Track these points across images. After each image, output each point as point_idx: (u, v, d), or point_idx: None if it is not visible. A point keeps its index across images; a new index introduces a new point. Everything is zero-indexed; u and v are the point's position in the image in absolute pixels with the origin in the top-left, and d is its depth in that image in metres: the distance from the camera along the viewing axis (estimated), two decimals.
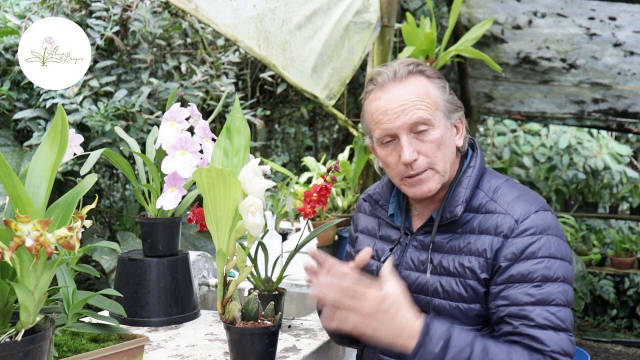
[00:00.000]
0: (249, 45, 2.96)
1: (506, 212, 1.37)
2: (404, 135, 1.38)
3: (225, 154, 1.38)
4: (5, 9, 3.43)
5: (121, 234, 3.11)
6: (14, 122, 3.15)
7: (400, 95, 1.39)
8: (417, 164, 1.39)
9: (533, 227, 1.34)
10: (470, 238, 1.38)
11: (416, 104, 1.38)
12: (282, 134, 6.30)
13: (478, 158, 1.47)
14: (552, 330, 1.29)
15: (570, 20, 4.41)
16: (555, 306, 1.30)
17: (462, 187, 1.42)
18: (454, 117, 1.44)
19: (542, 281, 1.31)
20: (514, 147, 6.98)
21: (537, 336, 1.28)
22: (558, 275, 1.32)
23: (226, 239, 1.30)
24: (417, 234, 1.47)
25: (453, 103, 1.45)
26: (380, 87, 1.42)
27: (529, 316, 1.29)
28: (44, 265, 1.02)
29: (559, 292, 1.31)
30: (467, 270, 1.36)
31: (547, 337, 1.28)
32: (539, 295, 1.30)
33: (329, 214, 3.66)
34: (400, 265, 1.47)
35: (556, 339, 1.28)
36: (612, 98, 5.39)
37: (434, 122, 1.39)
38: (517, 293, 1.31)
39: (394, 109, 1.39)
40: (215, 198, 1.26)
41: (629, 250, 5.33)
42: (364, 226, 1.62)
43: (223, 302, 1.36)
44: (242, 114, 1.41)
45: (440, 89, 1.43)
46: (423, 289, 1.42)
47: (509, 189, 1.42)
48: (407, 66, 1.42)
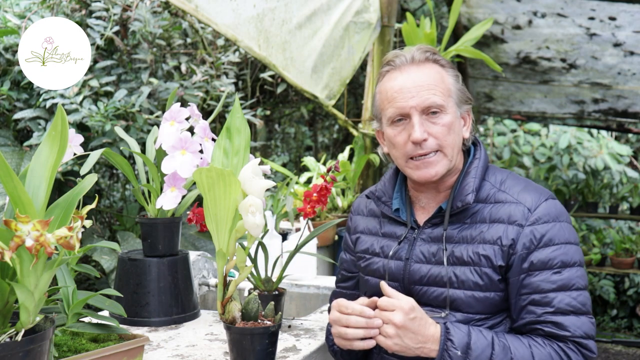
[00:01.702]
0: (249, 45, 2.96)
1: (517, 201, 1.40)
2: (416, 115, 1.41)
3: (225, 154, 1.38)
4: (5, 9, 3.43)
5: (121, 234, 3.11)
6: (14, 122, 3.15)
7: (417, 77, 1.42)
8: (427, 143, 1.41)
9: (546, 215, 1.38)
10: (482, 227, 1.40)
11: (431, 88, 1.41)
12: (282, 134, 6.30)
13: (482, 151, 1.51)
14: (574, 315, 1.33)
15: (570, 20, 4.41)
16: (576, 290, 1.35)
17: (471, 176, 1.45)
18: (463, 108, 1.48)
19: (561, 267, 1.35)
20: (514, 147, 6.98)
21: (560, 322, 1.33)
22: (575, 259, 1.37)
23: (226, 239, 1.30)
24: (425, 227, 1.48)
25: (464, 93, 1.48)
26: (397, 68, 1.46)
27: (552, 303, 1.34)
28: (44, 265, 1.02)
29: (578, 277, 1.36)
30: (482, 258, 1.38)
31: (570, 323, 1.33)
32: (560, 281, 1.34)
33: (329, 214, 3.66)
34: (410, 258, 1.47)
35: (578, 323, 1.33)
36: (612, 98, 5.39)
37: (447, 107, 1.42)
38: (539, 281, 1.35)
39: (410, 89, 1.42)
40: (215, 198, 1.26)
41: (629, 250, 5.33)
42: (364, 227, 1.61)
43: (223, 302, 1.36)
44: (242, 114, 1.40)
45: (454, 78, 1.47)
46: (436, 281, 1.43)
47: (515, 180, 1.46)
48: (424, 52, 1.46)
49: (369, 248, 1.57)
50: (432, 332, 1.32)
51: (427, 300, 1.44)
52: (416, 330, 1.30)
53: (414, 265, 1.46)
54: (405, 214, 1.53)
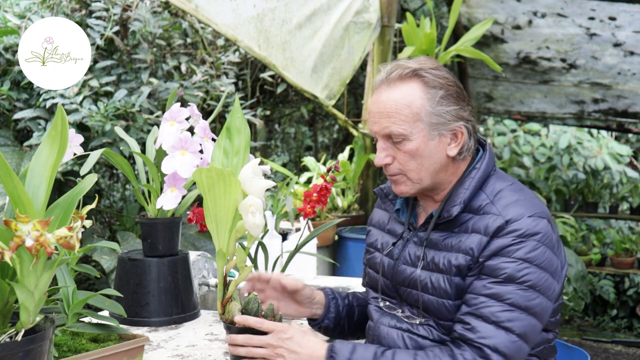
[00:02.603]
0: (249, 45, 2.96)
1: (499, 214, 1.37)
2: (381, 140, 1.43)
3: (225, 154, 1.38)
4: (5, 9, 3.43)
5: (121, 234, 3.11)
6: (14, 122, 3.15)
7: (382, 101, 1.42)
8: (390, 168, 1.44)
9: (520, 230, 1.33)
10: (462, 237, 1.39)
11: (392, 115, 1.39)
12: (282, 134, 6.30)
13: (485, 160, 1.46)
14: (493, 325, 1.28)
15: (570, 20, 4.41)
16: (508, 305, 1.29)
17: (463, 187, 1.42)
18: (443, 128, 1.41)
19: (505, 279, 1.30)
20: (514, 147, 6.98)
21: (474, 325, 1.29)
22: (526, 279, 1.30)
23: (226, 239, 1.30)
24: (419, 230, 1.49)
25: (443, 116, 1.39)
26: (375, 85, 1.46)
27: (478, 305, 1.31)
28: (44, 265, 1.02)
29: (519, 296, 1.29)
30: (453, 268, 1.37)
31: (484, 329, 1.28)
32: (495, 289, 1.30)
33: (329, 214, 3.66)
34: (399, 259, 1.49)
35: (492, 333, 1.28)
36: (612, 98, 5.39)
37: (409, 134, 1.39)
38: (479, 285, 1.33)
39: (374, 113, 1.43)
40: (215, 198, 1.26)
41: (629, 250, 5.33)
42: (378, 220, 1.64)
43: (223, 302, 1.36)
44: (242, 114, 1.41)
45: (429, 100, 1.39)
46: (415, 284, 1.44)
47: (511, 192, 1.41)
48: (404, 69, 1.41)
49: (374, 242, 1.61)
50: (316, 348, 1.33)
51: (410, 302, 1.46)
52: (294, 348, 1.32)
53: (401, 266, 1.48)
54: (404, 215, 1.55)
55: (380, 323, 1.51)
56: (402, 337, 1.45)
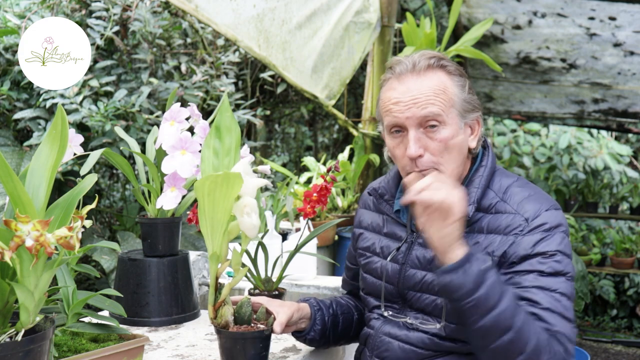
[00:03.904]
0: (249, 45, 2.96)
1: (516, 212, 1.36)
2: (413, 128, 1.36)
3: (215, 154, 1.31)
4: (5, 9, 3.43)
5: (121, 234, 3.11)
6: (14, 122, 3.15)
7: (415, 89, 1.36)
8: (422, 160, 1.37)
9: (546, 224, 1.34)
10: (479, 237, 1.37)
11: (430, 98, 1.35)
12: (282, 134, 6.31)
13: (489, 157, 1.45)
14: (559, 316, 1.28)
15: (570, 20, 4.41)
16: (559, 294, 1.30)
17: (474, 186, 1.40)
18: (469, 117, 1.41)
19: (550, 273, 1.31)
20: (514, 147, 6.98)
21: (543, 316, 1.28)
22: (567, 270, 1.32)
23: (220, 241, 1.27)
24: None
25: (470, 103, 1.41)
26: (397, 76, 1.40)
27: (534, 298, 1.29)
28: (44, 265, 1.02)
29: (565, 286, 1.31)
30: None
31: (554, 319, 1.28)
32: (544, 282, 1.30)
33: (329, 214, 3.66)
34: (406, 263, 1.44)
35: (561, 323, 1.28)
36: (612, 98, 5.39)
37: (446, 119, 1.36)
38: (523, 279, 1.31)
39: (406, 102, 1.36)
40: (214, 201, 1.21)
41: (629, 250, 5.33)
42: (369, 222, 1.58)
43: (215, 306, 1.30)
44: (231, 112, 1.33)
45: (459, 87, 1.39)
46: (430, 288, 1.40)
47: (520, 188, 1.41)
48: (428, 59, 1.39)
49: (370, 246, 1.55)
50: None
51: (421, 307, 1.42)
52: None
53: (410, 270, 1.44)
54: (405, 216, 1.50)
55: (381, 332, 1.47)
56: (404, 346, 1.42)
